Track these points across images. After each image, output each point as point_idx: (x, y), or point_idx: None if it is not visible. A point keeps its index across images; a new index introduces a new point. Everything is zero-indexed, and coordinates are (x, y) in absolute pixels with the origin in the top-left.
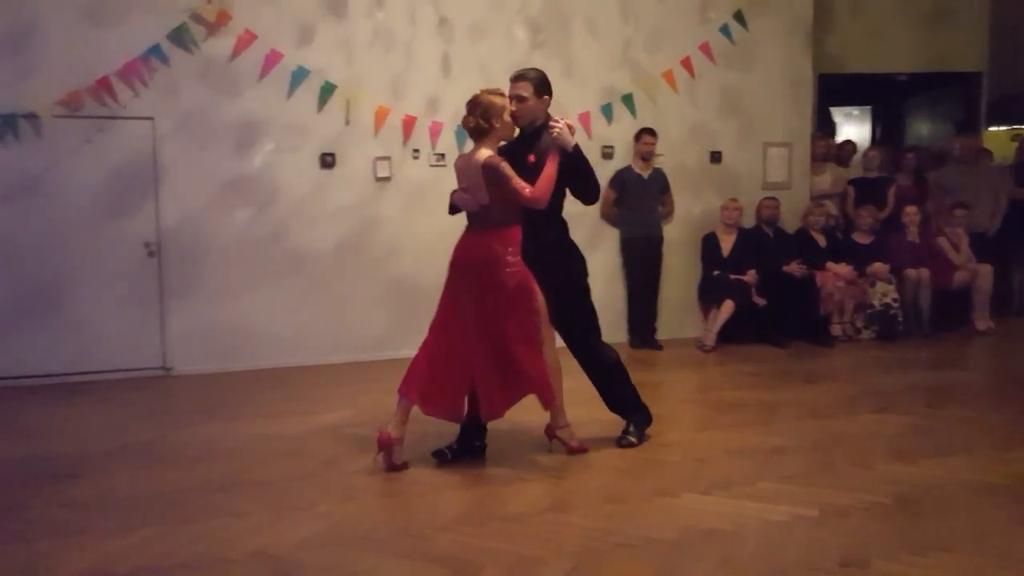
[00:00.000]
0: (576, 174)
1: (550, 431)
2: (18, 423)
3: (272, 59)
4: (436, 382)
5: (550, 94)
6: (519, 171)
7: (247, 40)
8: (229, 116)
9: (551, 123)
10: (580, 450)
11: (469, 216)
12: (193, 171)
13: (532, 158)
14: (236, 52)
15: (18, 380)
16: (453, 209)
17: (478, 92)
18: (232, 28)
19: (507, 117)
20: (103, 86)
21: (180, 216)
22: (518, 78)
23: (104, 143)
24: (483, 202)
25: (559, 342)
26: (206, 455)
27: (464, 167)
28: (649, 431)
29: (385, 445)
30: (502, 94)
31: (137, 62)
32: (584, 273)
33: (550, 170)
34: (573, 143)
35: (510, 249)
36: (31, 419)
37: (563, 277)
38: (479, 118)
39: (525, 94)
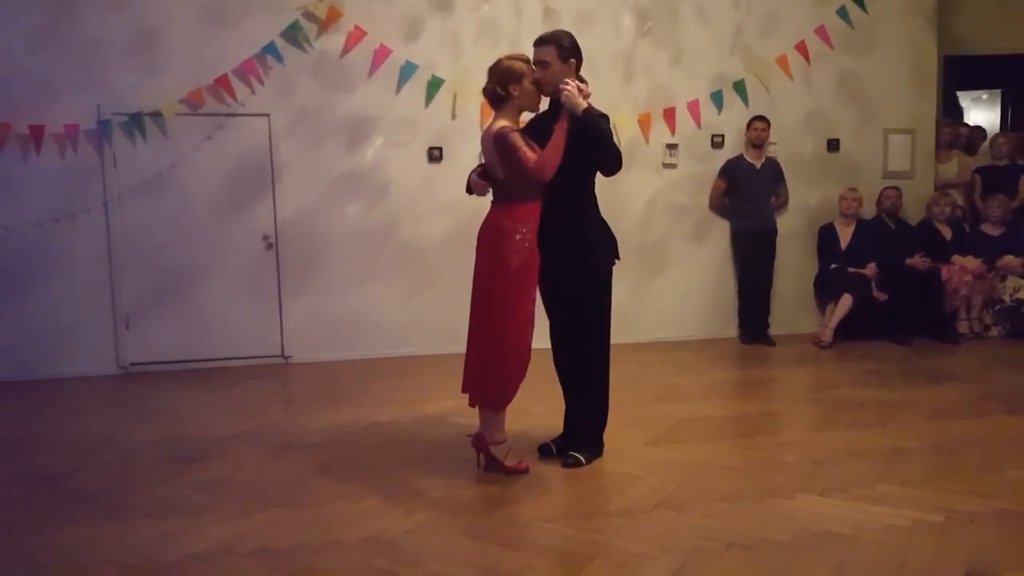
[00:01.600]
0: (592, 143)
1: (481, 443)
2: (150, 407)
3: (381, 55)
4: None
5: (577, 58)
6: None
7: (357, 36)
8: (341, 111)
9: (560, 85)
10: (517, 470)
11: (493, 191)
12: (308, 166)
13: (504, 126)
14: (347, 49)
15: (149, 366)
16: (469, 189)
17: (498, 59)
18: (342, 25)
19: (528, 84)
20: (222, 84)
21: (296, 210)
22: (540, 42)
23: (224, 139)
24: (499, 176)
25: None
26: (323, 441)
27: (483, 139)
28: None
29: (480, 446)
30: (526, 60)
31: (253, 60)
32: (604, 262)
33: (557, 138)
34: (584, 106)
35: (519, 226)
36: (161, 403)
37: (575, 260)
38: (495, 84)
39: (548, 59)
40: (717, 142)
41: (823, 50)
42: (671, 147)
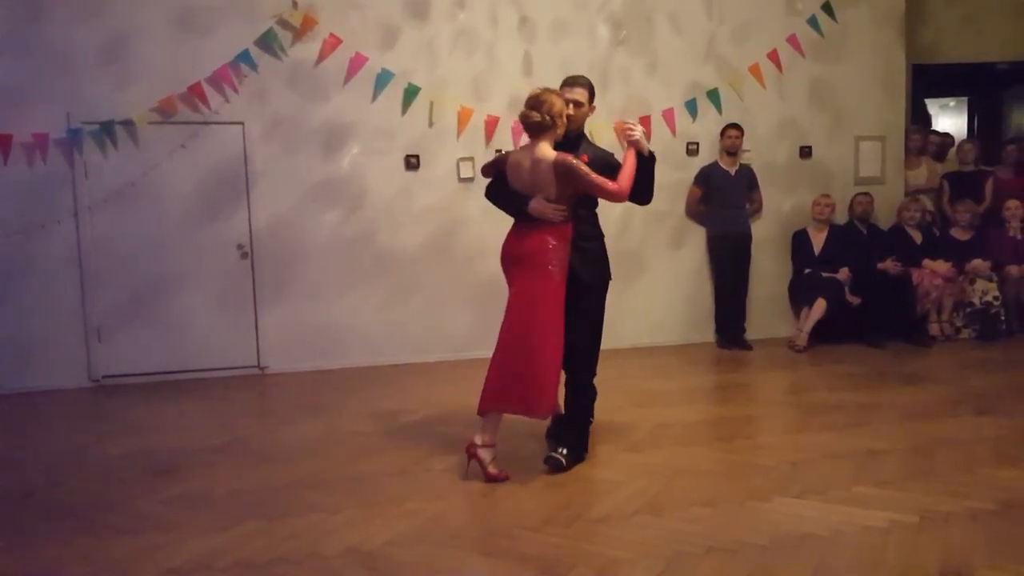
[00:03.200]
0: (644, 176)
1: (472, 449)
2: (123, 420)
3: (357, 63)
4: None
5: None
6: None
7: (332, 44)
8: (316, 120)
9: (627, 127)
10: (498, 478)
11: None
12: (283, 174)
13: (585, 158)
14: (322, 56)
15: (123, 378)
16: (521, 213)
17: (540, 90)
18: (317, 33)
19: (564, 118)
20: (195, 92)
21: (271, 219)
22: (574, 83)
23: (197, 148)
24: (549, 197)
25: None
26: (301, 452)
27: (522, 162)
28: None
29: (471, 454)
30: (560, 95)
31: (227, 68)
32: (607, 276)
33: (630, 166)
34: (648, 148)
35: (563, 244)
36: (135, 416)
37: (589, 275)
38: (545, 114)
39: (581, 99)
40: (692, 150)
41: (795, 58)
42: None
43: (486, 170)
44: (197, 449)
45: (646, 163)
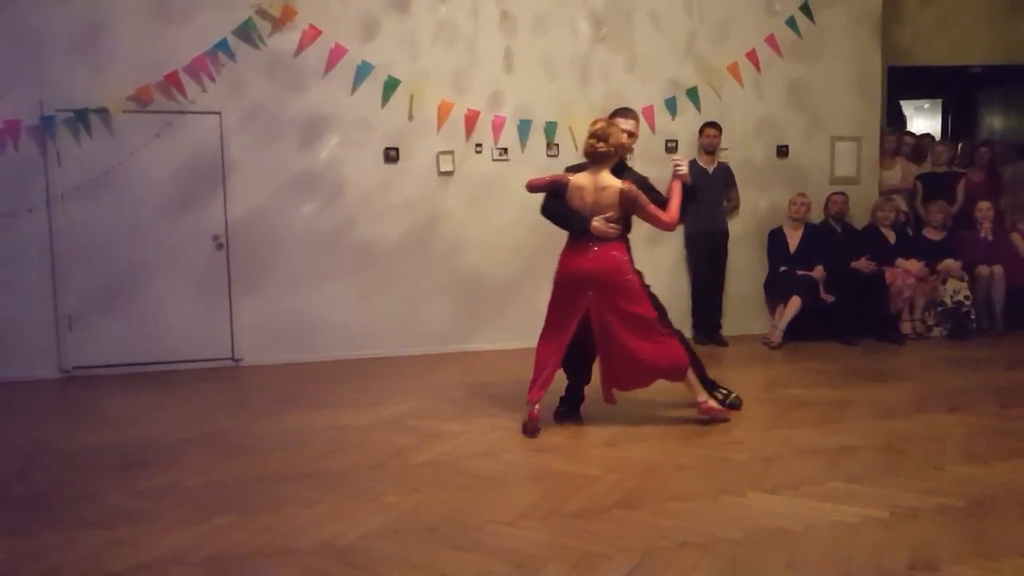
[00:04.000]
0: (682, 204)
1: (705, 407)
2: (94, 411)
3: (337, 54)
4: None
5: None
6: None
7: (312, 35)
8: (295, 111)
9: (677, 162)
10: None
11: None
12: (260, 165)
13: (629, 182)
14: (301, 47)
15: (94, 369)
16: (583, 231)
17: (604, 123)
18: (297, 23)
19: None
20: (172, 81)
21: (248, 210)
22: (627, 114)
23: (173, 138)
24: (609, 219)
25: None
26: (275, 445)
27: (585, 186)
28: None
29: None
30: (618, 127)
31: (204, 57)
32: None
33: (678, 197)
34: (690, 180)
35: (627, 255)
36: (107, 408)
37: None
38: (611, 146)
39: (634, 130)
40: (671, 147)
41: (773, 58)
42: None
43: (537, 186)
44: (170, 441)
45: (687, 193)
